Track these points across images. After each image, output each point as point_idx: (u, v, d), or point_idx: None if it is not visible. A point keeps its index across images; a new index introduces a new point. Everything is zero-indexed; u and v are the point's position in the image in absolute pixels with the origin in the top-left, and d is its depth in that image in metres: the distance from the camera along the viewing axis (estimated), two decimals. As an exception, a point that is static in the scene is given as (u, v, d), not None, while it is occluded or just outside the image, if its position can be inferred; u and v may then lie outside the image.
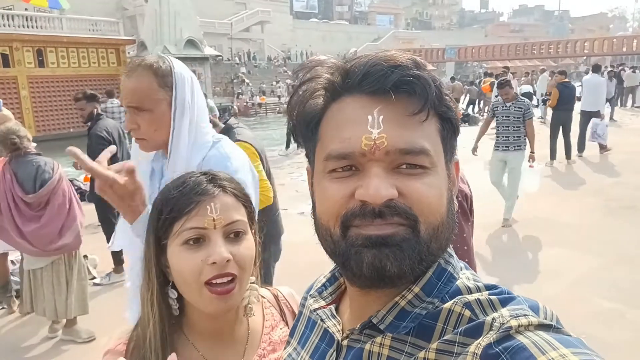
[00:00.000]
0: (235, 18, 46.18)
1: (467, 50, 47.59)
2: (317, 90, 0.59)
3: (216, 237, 0.83)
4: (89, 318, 3.53)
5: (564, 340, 0.45)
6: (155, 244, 0.87)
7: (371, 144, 0.52)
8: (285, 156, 11.32)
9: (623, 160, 8.89)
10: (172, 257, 0.85)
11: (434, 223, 0.54)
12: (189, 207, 0.83)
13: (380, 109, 0.53)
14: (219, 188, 0.87)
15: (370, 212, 0.52)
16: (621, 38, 42.07)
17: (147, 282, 0.87)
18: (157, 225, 0.86)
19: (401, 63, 0.53)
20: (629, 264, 4.29)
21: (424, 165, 0.53)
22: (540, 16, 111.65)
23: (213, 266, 0.82)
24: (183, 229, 0.83)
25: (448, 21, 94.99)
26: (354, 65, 0.56)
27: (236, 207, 0.88)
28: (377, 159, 0.53)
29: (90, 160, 1.11)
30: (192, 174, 0.90)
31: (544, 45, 43.79)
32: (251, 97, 30.69)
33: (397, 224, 0.52)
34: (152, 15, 25.78)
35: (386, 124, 0.52)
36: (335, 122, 0.56)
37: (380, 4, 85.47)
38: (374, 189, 0.51)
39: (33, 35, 20.93)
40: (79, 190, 7.54)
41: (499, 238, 5.12)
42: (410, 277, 0.55)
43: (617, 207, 6.00)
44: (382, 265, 0.52)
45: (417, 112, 0.52)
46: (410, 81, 0.52)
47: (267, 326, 0.98)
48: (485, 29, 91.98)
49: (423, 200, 0.53)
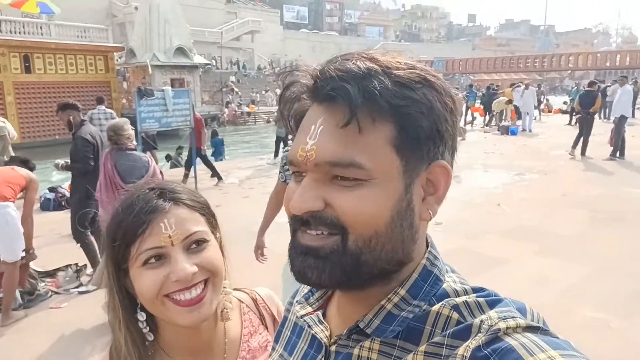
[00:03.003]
0: (225, 27, 46.31)
1: (455, 63, 48.28)
2: (302, 93, 0.59)
3: (176, 253, 0.79)
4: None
5: (551, 342, 0.45)
6: (115, 270, 0.82)
7: (304, 155, 0.53)
8: (274, 165, 11.30)
9: (611, 171, 9.07)
10: (134, 280, 0.81)
11: (365, 234, 0.52)
12: (141, 228, 0.78)
13: (323, 119, 0.53)
14: (170, 201, 0.82)
15: (298, 220, 0.55)
16: (605, 53, 43.02)
17: (112, 309, 0.84)
18: (113, 253, 0.81)
19: (334, 74, 0.52)
20: (616, 274, 4.34)
21: (357, 178, 0.52)
22: (527, 30, 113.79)
23: (177, 283, 0.79)
24: (139, 252, 0.79)
25: (436, 34, 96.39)
26: (313, 72, 0.56)
27: (192, 218, 0.84)
28: (310, 170, 0.53)
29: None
30: (140, 190, 0.84)
31: (529, 59, 44.58)
32: (239, 105, 30.70)
33: (328, 235, 0.53)
34: (142, 22, 25.71)
35: (321, 136, 0.52)
36: (299, 128, 0.58)
37: (370, 16, 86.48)
38: (295, 200, 0.54)
39: (20, 41, 20.76)
40: (63, 197, 7.45)
41: (487, 247, 5.15)
42: (337, 286, 0.56)
43: (604, 218, 6.08)
44: (304, 273, 0.55)
45: (343, 125, 0.51)
46: (334, 94, 0.51)
47: (245, 333, 0.96)
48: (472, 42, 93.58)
49: (349, 212, 0.52)
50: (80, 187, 4.54)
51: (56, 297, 4.27)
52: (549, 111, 24.73)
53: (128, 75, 27.39)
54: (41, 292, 4.22)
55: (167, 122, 7.85)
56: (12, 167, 3.99)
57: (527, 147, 12.63)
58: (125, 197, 0.84)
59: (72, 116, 4.56)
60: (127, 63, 26.71)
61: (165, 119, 7.78)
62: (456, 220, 5.84)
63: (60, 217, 6.69)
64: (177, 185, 0.87)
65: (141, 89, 7.68)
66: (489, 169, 9.76)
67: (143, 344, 0.84)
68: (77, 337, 3.50)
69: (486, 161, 10.57)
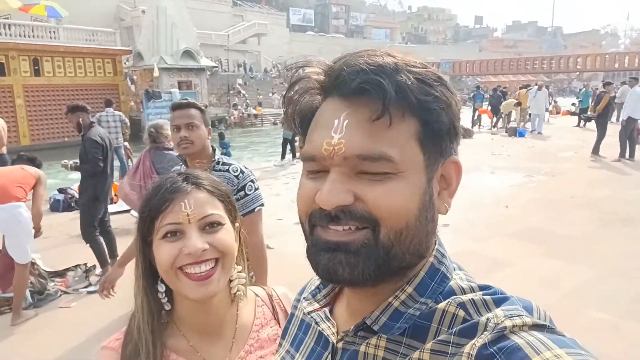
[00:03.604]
0: (232, 30, 46.46)
1: (462, 65, 48.04)
2: (309, 89, 0.59)
3: (191, 230, 0.88)
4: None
5: (558, 341, 0.45)
6: (142, 242, 0.92)
7: (330, 149, 0.53)
8: (281, 167, 11.32)
9: (620, 173, 8.99)
10: (155, 252, 0.90)
11: (396, 227, 0.53)
12: (164, 205, 0.89)
13: (348, 113, 0.53)
14: (192, 185, 0.92)
15: (326, 216, 0.53)
16: (613, 54, 42.65)
17: (136, 276, 0.94)
18: (141, 225, 0.92)
19: (365, 67, 0.52)
20: (623, 276, 4.30)
21: (386, 171, 0.52)
22: (534, 32, 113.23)
23: (188, 256, 0.87)
24: (161, 226, 0.89)
25: (443, 36, 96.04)
26: (333, 67, 0.56)
27: (210, 202, 0.93)
28: (337, 164, 0.53)
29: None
30: (170, 175, 0.96)
31: (537, 60, 44.29)
32: (246, 107, 30.76)
33: (356, 229, 0.53)
34: (149, 26, 25.89)
35: (348, 129, 0.52)
36: (314, 123, 0.57)
37: (376, 18, 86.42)
38: (325, 195, 0.52)
39: (30, 45, 20.96)
40: (72, 198, 7.51)
41: (494, 249, 5.13)
42: (367, 282, 0.54)
43: (612, 220, 6.04)
44: (334, 270, 0.53)
45: (375, 118, 0.51)
46: (368, 87, 0.51)
47: (257, 324, 1.02)
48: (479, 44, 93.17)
49: (382, 205, 0.52)
50: (89, 188, 4.57)
51: (65, 296, 4.30)
52: (557, 113, 24.58)
53: (135, 78, 27.56)
54: (51, 292, 4.26)
55: (175, 125, 7.88)
56: (22, 167, 4.02)
57: (535, 149, 12.54)
58: (158, 180, 0.96)
59: (82, 118, 4.59)
60: (135, 66, 26.88)
61: (173, 121, 7.82)
62: (464, 222, 5.82)
63: (69, 217, 6.75)
64: (201, 174, 0.98)
65: (149, 92, 7.74)
66: (497, 170, 9.70)
67: (159, 314, 0.93)
68: (86, 336, 3.53)
69: (494, 163, 10.50)
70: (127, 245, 2.40)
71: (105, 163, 4.52)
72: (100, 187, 4.58)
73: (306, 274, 0.80)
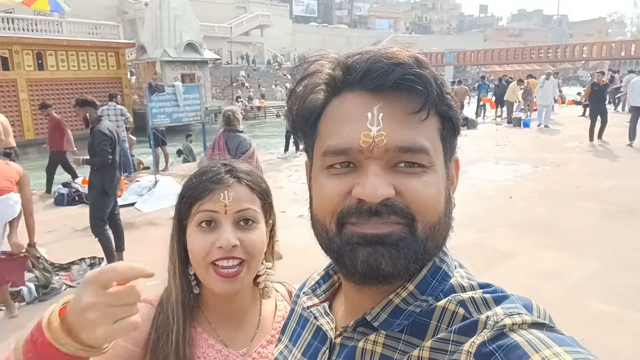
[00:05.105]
0: (235, 22, 46.32)
1: (467, 55, 47.76)
2: (318, 85, 0.58)
3: (226, 222, 0.90)
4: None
5: (557, 339, 0.45)
6: (178, 224, 0.95)
7: (370, 141, 0.52)
8: (284, 159, 11.32)
9: (625, 164, 8.93)
10: (188, 237, 0.93)
11: (431, 222, 0.53)
12: (205, 192, 0.91)
13: (381, 106, 0.52)
14: (235, 179, 0.94)
15: (367, 210, 0.52)
16: (620, 42, 42.24)
17: (171, 257, 0.97)
18: (179, 208, 0.95)
19: (403, 61, 0.52)
20: (628, 267, 4.29)
21: (422, 164, 0.53)
22: (539, 21, 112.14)
23: (220, 250, 0.89)
24: (198, 211, 0.91)
25: (447, 25, 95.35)
26: (356, 61, 0.55)
27: (249, 197, 0.94)
28: (375, 157, 0.52)
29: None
30: (215, 164, 0.97)
31: (542, 49, 43.96)
32: (249, 100, 30.74)
33: (394, 223, 0.52)
34: (152, 19, 25.81)
35: (386, 122, 0.52)
36: (335, 118, 0.56)
37: (380, 8, 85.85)
38: (371, 188, 0.51)
39: (33, 39, 20.98)
40: (76, 192, 7.55)
41: (498, 240, 5.12)
42: (405, 275, 0.54)
43: (617, 211, 6.01)
44: (377, 263, 0.52)
45: (417, 110, 0.52)
46: (412, 79, 0.52)
47: (279, 315, 1.05)
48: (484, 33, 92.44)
49: (421, 199, 0.52)
50: (97, 181, 4.61)
51: (70, 290, 4.33)
52: (563, 102, 24.39)
53: (134, 70, 27.54)
54: (55, 286, 4.29)
55: (178, 118, 7.90)
56: (6, 162, 4.04)
57: (539, 139, 12.47)
58: (202, 167, 0.98)
59: (89, 112, 4.64)
60: (138, 59, 26.87)
61: (176, 114, 7.83)
62: (468, 213, 5.81)
63: (74, 212, 6.78)
64: (245, 168, 0.99)
65: (152, 85, 7.72)
66: (501, 161, 9.67)
67: (189, 294, 0.96)
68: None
69: (498, 154, 10.47)
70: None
71: (113, 155, 4.56)
72: (109, 181, 4.61)
73: (309, 266, 0.80)
